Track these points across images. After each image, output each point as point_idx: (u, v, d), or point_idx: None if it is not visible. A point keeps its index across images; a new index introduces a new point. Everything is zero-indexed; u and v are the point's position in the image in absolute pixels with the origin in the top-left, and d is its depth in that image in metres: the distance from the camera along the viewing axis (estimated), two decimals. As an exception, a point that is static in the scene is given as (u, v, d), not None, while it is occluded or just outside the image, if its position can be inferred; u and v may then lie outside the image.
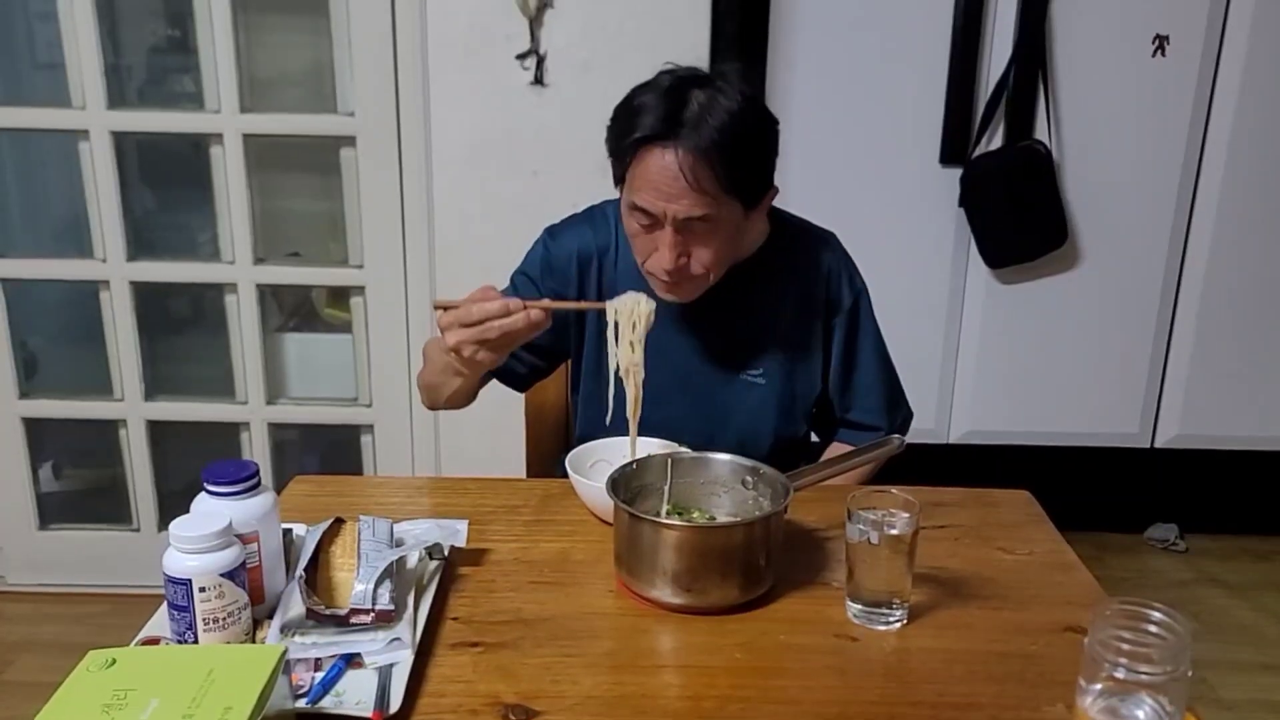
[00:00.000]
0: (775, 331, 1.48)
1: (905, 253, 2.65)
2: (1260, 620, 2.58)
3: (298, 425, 2.68)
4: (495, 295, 1.26)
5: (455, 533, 1.22)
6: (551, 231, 1.53)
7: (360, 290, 2.49)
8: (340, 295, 2.58)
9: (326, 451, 2.79)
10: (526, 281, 1.50)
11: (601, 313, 1.30)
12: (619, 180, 1.34)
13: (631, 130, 1.27)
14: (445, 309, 1.28)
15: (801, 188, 2.60)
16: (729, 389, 1.48)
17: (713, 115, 1.25)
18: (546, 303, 1.28)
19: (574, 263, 1.48)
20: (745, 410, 1.48)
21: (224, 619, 0.98)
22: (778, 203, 1.47)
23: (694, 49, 2.25)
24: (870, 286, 1.54)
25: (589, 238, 1.49)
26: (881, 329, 1.56)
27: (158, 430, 2.58)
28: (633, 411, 1.28)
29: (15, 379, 2.51)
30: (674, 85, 1.28)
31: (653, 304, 1.27)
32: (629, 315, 1.27)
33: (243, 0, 2.32)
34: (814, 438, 1.61)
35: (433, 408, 1.53)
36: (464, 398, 1.46)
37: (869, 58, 2.52)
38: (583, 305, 1.44)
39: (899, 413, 1.57)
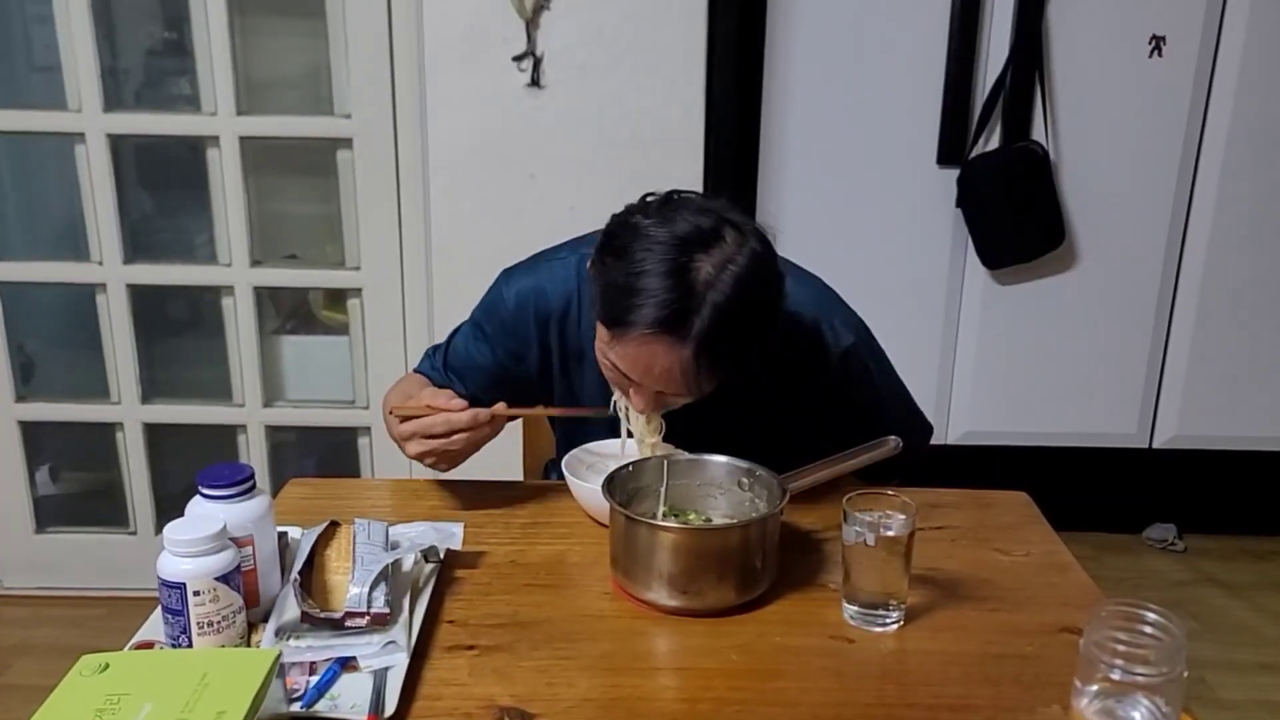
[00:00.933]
0: (758, 402, 1.39)
1: (902, 253, 2.65)
2: (1259, 620, 2.58)
3: (295, 428, 2.68)
4: (459, 402, 1.23)
5: (451, 535, 1.22)
6: (507, 278, 1.44)
7: (357, 292, 2.49)
8: (337, 297, 2.58)
9: (324, 454, 2.78)
10: (482, 337, 1.44)
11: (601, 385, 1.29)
12: (600, 322, 1.21)
13: (630, 314, 1.14)
14: (405, 419, 1.25)
15: (799, 189, 2.61)
16: (715, 447, 1.36)
17: (717, 294, 1.13)
18: (502, 408, 1.26)
19: (531, 320, 1.40)
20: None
21: (218, 622, 0.97)
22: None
23: (690, 51, 2.25)
24: (867, 288, 1.51)
25: (546, 294, 1.40)
26: (882, 338, 1.48)
27: (155, 433, 2.58)
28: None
29: (12, 382, 2.51)
30: (677, 256, 1.13)
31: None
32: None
33: (239, 3, 2.32)
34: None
35: None
36: None
37: (866, 59, 2.52)
38: (583, 412, 1.32)
39: (916, 438, 1.49)
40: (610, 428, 1.35)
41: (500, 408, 1.27)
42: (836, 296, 1.45)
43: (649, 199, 1.22)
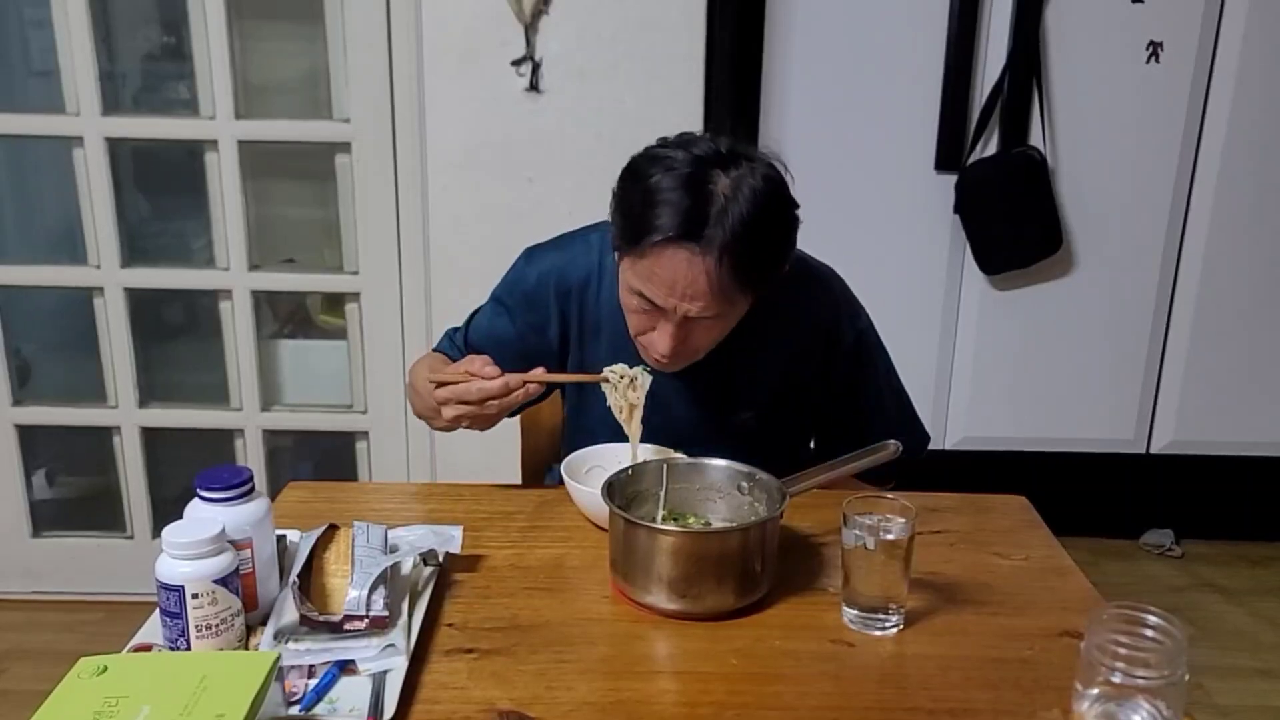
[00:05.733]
0: (767, 375, 1.44)
1: (900, 259, 2.66)
2: (1256, 625, 2.58)
3: (292, 432, 2.67)
4: (492, 370, 1.26)
5: (450, 539, 1.22)
6: (530, 256, 1.48)
7: (355, 296, 2.49)
8: (335, 301, 2.58)
9: (321, 458, 2.78)
10: (504, 312, 1.47)
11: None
12: (622, 253, 1.26)
13: (649, 224, 1.19)
14: (442, 385, 1.28)
15: (797, 194, 2.60)
16: (718, 432, 1.43)
17: (737, 206, 1.18)
18: (541, 374, 1.29)
19: (552, 295, 1.43)
20: (734, 453, 1.44)
21: (217, 625, 0.97)
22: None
23: (689, 57, 2.25)
24: (865, 293, 1.52)
25: (569, 269, 1.43)
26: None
27: (152, 437, 2.57)
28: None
29: (9, 386, 2.50)
30: (695, 171, 1.19)
31: (649, 377, 1.30)
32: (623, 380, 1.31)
33: (238, 6, 2.32)
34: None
35: None
36: None
37: (864, 65, 2.53)
38: (580, 378, 1.38)
39: (912, 441, 1.49)
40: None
41: (538, 373, 1.29)
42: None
43: (666, 137, 1.27)
